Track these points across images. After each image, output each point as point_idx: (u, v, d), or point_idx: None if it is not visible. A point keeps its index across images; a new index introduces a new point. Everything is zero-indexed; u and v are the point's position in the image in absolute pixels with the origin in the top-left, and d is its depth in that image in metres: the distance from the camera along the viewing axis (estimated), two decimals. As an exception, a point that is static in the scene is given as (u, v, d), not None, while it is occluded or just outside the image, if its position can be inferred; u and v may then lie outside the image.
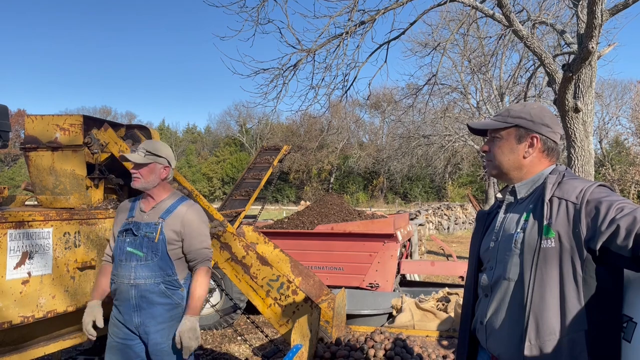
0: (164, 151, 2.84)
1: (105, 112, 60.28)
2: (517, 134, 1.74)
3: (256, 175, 5.25)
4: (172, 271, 2.76)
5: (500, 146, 1.77)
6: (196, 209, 2.88)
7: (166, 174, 2.84)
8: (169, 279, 2.76)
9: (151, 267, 2.73)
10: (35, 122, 3.43)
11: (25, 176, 35.06)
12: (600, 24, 4.33)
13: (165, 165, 2.83)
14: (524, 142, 1.73)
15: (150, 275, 2.74)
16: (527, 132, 1.72)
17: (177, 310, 2.77)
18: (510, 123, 1.74)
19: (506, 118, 1.76)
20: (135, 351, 2.78)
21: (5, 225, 2.73)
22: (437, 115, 23.83)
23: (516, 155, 1.74)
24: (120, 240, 2.78)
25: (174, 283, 2.77)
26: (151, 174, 2.78)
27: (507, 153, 1.75)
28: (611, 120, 34.02)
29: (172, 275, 2.76)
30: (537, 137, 1.71)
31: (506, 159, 1.75)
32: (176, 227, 2.77)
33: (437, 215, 21.67)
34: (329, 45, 6.50)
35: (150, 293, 2.73)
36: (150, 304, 2.73)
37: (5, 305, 2.71)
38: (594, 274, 1.51)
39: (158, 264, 2.74)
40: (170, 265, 2.75)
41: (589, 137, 5.46)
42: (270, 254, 4.33)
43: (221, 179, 51.97)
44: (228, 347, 5.68)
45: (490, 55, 15.15)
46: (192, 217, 2.82)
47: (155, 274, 2.73)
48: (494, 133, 1.79)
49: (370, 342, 3.65)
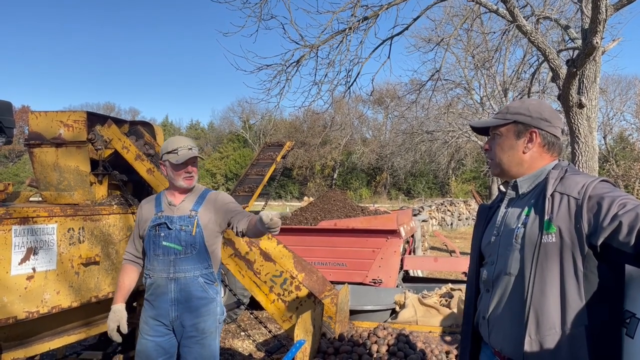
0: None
1: (108, 109, 60.40)
2: (516, 130, 1.73)
3: (259, 171, 5.26)
4: (209, 264, 2.80)
5: (499, 143, 1.77)
6: (225, 194, 2.96)
7: None
8: (206, 272, 2.79)
9: (190, 260, 2.75)
10: (40, 118, 3.44)
11: (29, 172, 35.15)
12: (605, 19, 4.30)
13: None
14: (523, 138, 1.73)
15: (190, 268, 2.76)
16: (525, 127, 1.72)
17: (212, 305, 2.81)
18: (509, 119, 1.74)
19: (505, 115, 1.76)
20: (165, 347, 2.77)
21: (10, 221, 2.75)
22: (440, 111, 23.73)
23: (515, 151, 1.73)
24: (154, 234, 2.77)
25: (210, 277, 2.81)
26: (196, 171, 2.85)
27: (506, 150, 1.75)
28: (615, 115, 33.85)
29: (209, 268, 2.80)
30: (535, 132, 1.71)
31: (506, 156, 1.75)
32: (211, 212, 2.81)
33: (441, 211, 21.66)
34: (332, 41, 6.49)
35: (190, 287, 2.75)
36: (188, 298, 2.75)
37: (10, 300, 2.72)
38: (595, 270, 1.51)
39: (197, 257, 2.76)
40: (207, 258, 2.79)
41: (593, 133, 5.44)
42: (273, 249, 4.33)
43: (225, 175, 51.99)
44: (232, 342, 5.70)
45: (494, 51, 15.06)
46: (222, 196, 2.90)
47: (194, 267, 2.76)
48: (494, 130, 1.79)
49: (373, 337, 3.65)
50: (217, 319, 2.86)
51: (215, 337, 2.86)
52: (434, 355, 3.45)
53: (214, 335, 2.84)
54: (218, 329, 2.89)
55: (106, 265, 3.33)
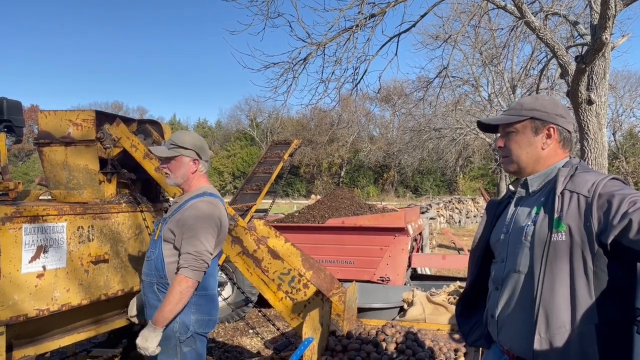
0: (191, 142, 2.58)
1: (117, 107, 60.73)
2: (534, 126, 1.72)
3: (267, 169, 5.26)
4: (164, 273, 2.53)
5: (516, 140, 1.74)
6: (201, 206, 2.49)
7: (196, 168, 2.59)
8: (161, 281, 2.55)
9: (150, 265, 2.61)
10: (49, 117, 3.46)
11: (39, 171, 35.43)
12: (614, 14, 4.26)
13: (194, 158, 2.58)
14: (541, 134, 1.71)
15: (147, 273, 2.64)
16: (543, 123, 1.71)
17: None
18: (525, 116, 1.72)
19: (520, 111, 1.74)
20: None
21: (20, 219, 2.77)
22: (448, 108, 23.64)
23: (534, 147, 1.72)
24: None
25: (167, 287, 2.49)
26: (180, 168, 2.56)
27: (524, 146, 1.73)
28: (625, 112, 33.51)
29: (164, 278, 2.53)
30: (554, 128, 1.70)
31: (524, 152, 1.73)
32: (172, 226, 2.52)
33: (449, 209, 21.58)
34: (339, 38, 6.48)
35: (147, 293, 2.64)
36: (148, 303, 2.65)
37: (20, 298, 2.75)
38: (605, 268, 1.50)
39: (154, 263, 2.57)
40: (163, 267, 2.53)
41: (602, 130, 5.40)
42: (281, 247, 4.34)
43: (232, 173, 52.14)
44: (240, 340, 5.72)
45: (502, 47, 14.98)
46: (189, 214, 2.47)
47: (151, 272, 2.60)
48: (508, 127, 1.76)
49: (381, 335, 3.65)
50: (176, 336, 2.48)
51: (174, 356, 2.50)
52: (442, 352, 3.45)
53: (172, 353, 2.50)
54: (180, 347, 2.50)
55: (115, 263, 3.35)
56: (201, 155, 2.61)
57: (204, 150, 2.63)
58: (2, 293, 2.65)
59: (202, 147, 2.63)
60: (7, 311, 2.67)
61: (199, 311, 2.54)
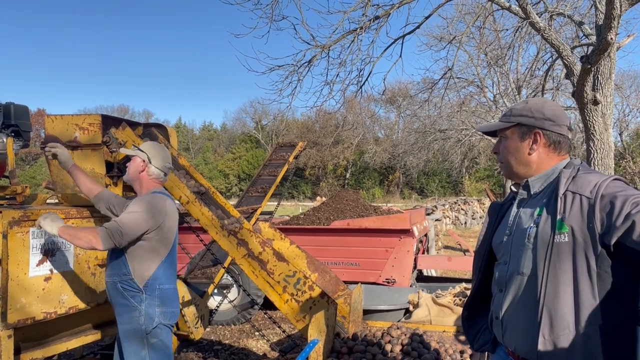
0: (149, 149, 2.92)
1: (122, 111, 60.94)
2: (520, 132, 1.74)
3: (272, 171, 5.28)
4: (127, 270, 2.72)
5: (506, 146, 1.78)
6: (145, 196, 2.82)
7: (143, 168, 2.88)
8: (125, 279, 2.73)
9: (112, 266, 2.78)
10: (55, 121, 3.49)
11: (46, 175, 35.62)
12: (619, 14, 4.25)
13: (144, 159, 2.88)
14: (527, 139, 1.73)
15: (110, 274, 2.79)
16: (529, 128, 1.72)
17: (135, 313, 2.72)
18: (513, 122, 1.75)
19: (509, 117, 1.77)
20: None
21: (28, 223, 2.79)
22: (453, 110, 23.56)
23: (521, 152, 1.74)
24: None
25: (131, 283, 2.72)
26: (131, 166, 2.90)
27: (512, 152, 1.76)
28: (631, 112, 33.22)
29: (127, 274, 2.72)
30: (539, 133, 1.71)
31: (513, 158, 1.76)
32: None
33: (454, 210, 21.51)
34: (343, 40, 6.48)
35: (111, 291, 2.79)
36: (112, 302, 2.81)
37: (28, 301, 2.77)
38: (609, 269, 1.50)
39: (116, 263, 2.76)
40: (125, 264, 2.73)
41: (608, 130, 5.37)
42: (286, 250, 4.35)
43: (237, 175, 52.23)
44: (246, 342, 5.73)
45: (507, 48, 14.94)
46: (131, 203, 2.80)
47: (113, 272, 2.77)
48: (500, 134, 1.81)
49: (387, 337, 3.65)
50: (142, 328, 2.71)
51: (142, 347, 2.72)
52: (448, 354, 3.44)
53: (139, 345, 2.72)
54: (147, 338, 2.73)
55: (122, 266, 3.36)
56: (152, 160, 2.89)
57: (156, 158, 2.91)
58: (10, 296, 2.67)
59: (156, 155, 2.92)
60: (15, 314, 2.69)
61: (163, 304, 2.79)
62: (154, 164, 2.90)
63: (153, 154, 2.92)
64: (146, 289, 2.73)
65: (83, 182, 3.02)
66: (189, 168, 3.85)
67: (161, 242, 2.79)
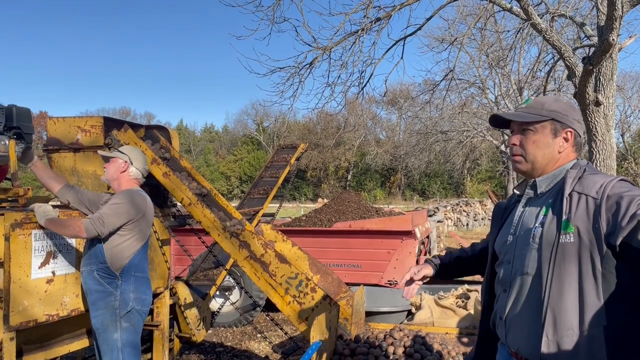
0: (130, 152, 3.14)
1: (124, 113, 61.03)
2: (553, 128, 1.70)
3: (274, 173, 5.28)
4: (103, 259, 2.89)
5: (535, 140, 1.71)
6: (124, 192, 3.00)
7: (124, 168, 3.07)
8: (102, 267, 2.89)
9: (89, 255, 2.93)
10: (57, 124, 3.49)
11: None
12: (621, 15, 4.24)
13: (125, 160, 3.08)
14: (560, 137, 1.70)
15: (86, 263, 2.93)
16: (562, 126, 1.69)
17: (110, 298, 2.89)
18: (546, 116, 1.70)
19: (540, 110, 1.71)
20: None
21: (30, 225, 2.79)
22: (454, 111, 23.58)
23: (552, 149, 1.70)
24: None
25: (107, 271, 2.89)
26: (111, 167, 3.08)
27: (542, 147, 1.70)
28: (633, 113, 33.20)
29: (104, 262, 2.89)
30: (571, 132, 1.70)
31: (541, 153, 1.70)
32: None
33: (456, 212, 21.48)
34: (344, 42, 6.48)
35: (87, 280, 2.91)
36: (88, 290, 2.92)
37: (30, 304, 2.77)
38: (614, 270, 1.49)
39: (94, 252, 2.90)
40: (102, 254, 2.89)
41: (610, 131, 5.36)
42: (288, 251, 4.35)
43: (239, 177, 52.25)
44: (248, 344, 5.73)
45: (508, 49, 14.93)
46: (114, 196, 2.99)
47: (90, 261, 2.91)
48: (525, 126, 1.72)
49: (389, 339, 3.65)
50: (117, 312, 2.91)
51: (115, 330, 2.91)
52: (450, 356, 3.44)
53: (113, 329, 2.91)
54: (120, 322, 2.93)
55: (124, 268, 3.36)
56: (133, 162, 3.10)
57: (138, 160, 3.13)
58: (12, 299, 2.67)
59: (137, 158, 3.14)
60: (17, 317, 2.69)
61: (137, 290, 2.99)
62: (135, 165, 3.12)
63: (134, 156, 3.14)
64: (122, 275, 2.93)
65: (42, 177, 3.16)
66: (190, 170, 3.85)
67: (139, 233, 3.00)
